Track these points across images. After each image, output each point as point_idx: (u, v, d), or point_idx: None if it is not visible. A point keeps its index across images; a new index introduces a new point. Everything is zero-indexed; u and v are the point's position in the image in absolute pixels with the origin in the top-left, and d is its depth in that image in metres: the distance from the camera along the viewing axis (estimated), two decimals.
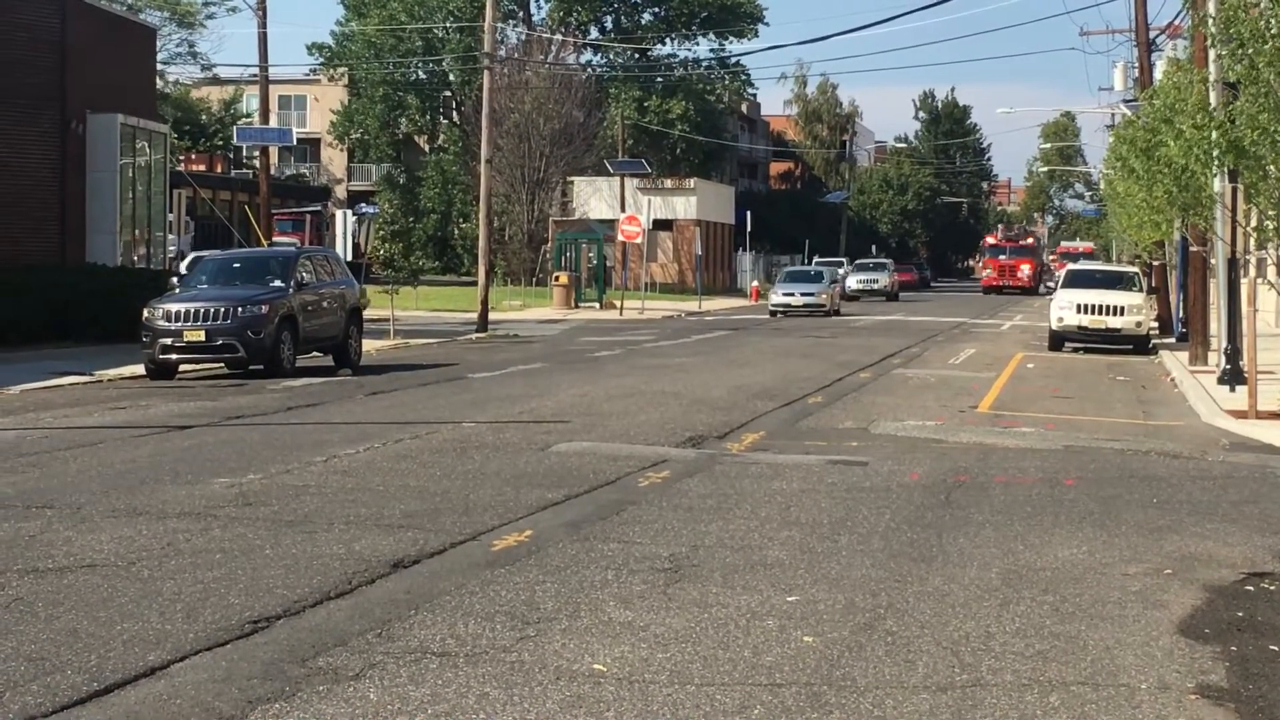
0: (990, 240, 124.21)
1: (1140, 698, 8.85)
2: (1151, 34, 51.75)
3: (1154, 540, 13.81)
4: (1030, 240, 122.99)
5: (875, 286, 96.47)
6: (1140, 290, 45.32)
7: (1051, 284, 73.90)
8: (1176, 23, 48.30)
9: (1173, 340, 46.27)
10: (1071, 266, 51.91)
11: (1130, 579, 12.12)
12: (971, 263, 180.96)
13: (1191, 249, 39.54)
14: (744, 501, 15.50)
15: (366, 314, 36.80)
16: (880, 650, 9.73)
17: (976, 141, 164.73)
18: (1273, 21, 22.40)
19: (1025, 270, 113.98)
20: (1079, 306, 42.92)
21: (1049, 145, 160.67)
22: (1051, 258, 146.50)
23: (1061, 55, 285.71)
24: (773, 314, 67.97)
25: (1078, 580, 12.01)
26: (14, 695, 8.46)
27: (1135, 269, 52.23)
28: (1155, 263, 55.83)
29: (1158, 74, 44.97)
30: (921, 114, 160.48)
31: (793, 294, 68.87)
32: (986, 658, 9.61)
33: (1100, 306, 42.78)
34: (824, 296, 68.93)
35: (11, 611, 10.41)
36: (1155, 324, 48.47)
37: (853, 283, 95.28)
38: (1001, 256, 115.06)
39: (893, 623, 10.46)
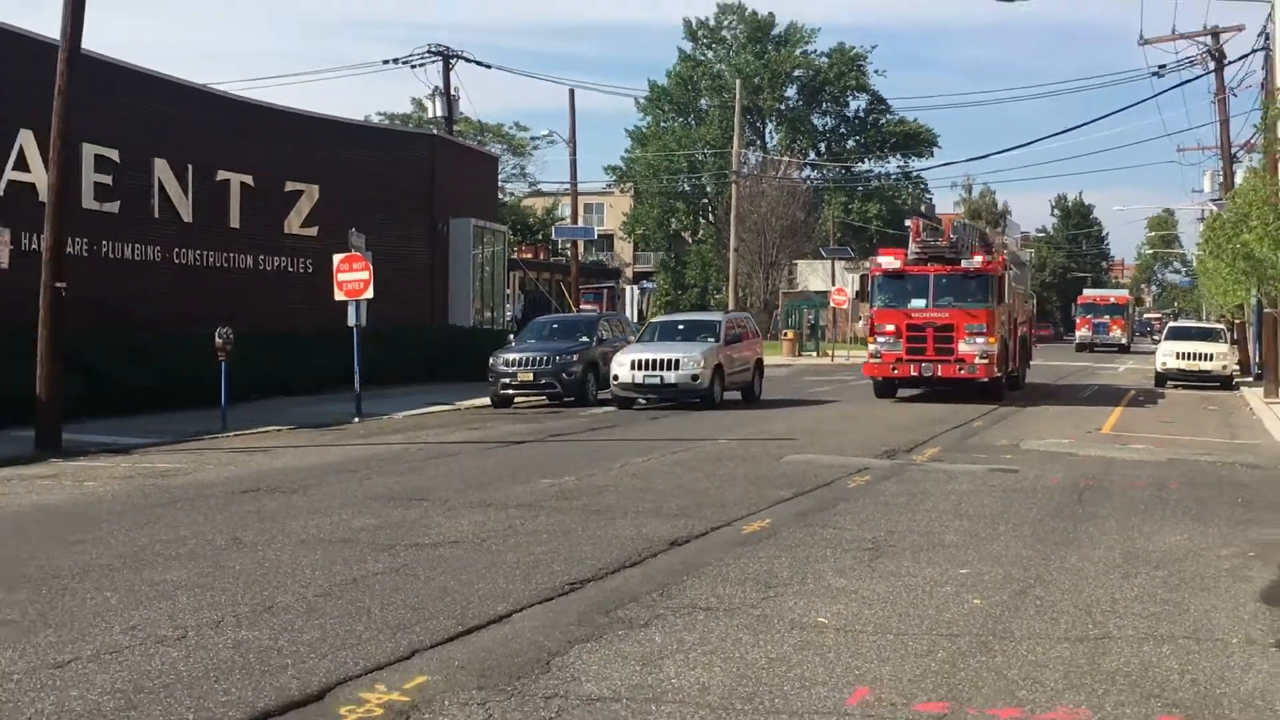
0: (883, 262, 31.54)
1: (1232, 649, 8.55)
2: (1233, 150, 50.59)
3: (1240, 530, 13.35)
4: (983, 260, 30.90)
5: (671, 378, 28.63)
6: (1225, 341, 44.69)
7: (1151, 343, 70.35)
8: (1252, 141, 46.76)
9: (1250, 379, 44.98)
10: (1172, 324, 50.67)
11: (1222, 559, 11.73)
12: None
13: (1265, 310, 38.49)
14: (926, 499, 15.28)
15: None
16: (1031, 610, 9.52)
17: (1098, 231, 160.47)
18: None
19: (977, 339, 30.39)
20: (1178, 354, 42.48)
21: (1153, 233, 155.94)
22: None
23: (1163, 165, 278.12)
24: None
25: (1181, 560, 11.65)
26: (403, 634, 8.64)
27: (1222, 326, 51.37)
28: (1236, 321, 54.37)
29: (1238, 179, 43.78)
30: (1056, 211, 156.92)
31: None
32: (1112, 617, 9.35)
33: (1195, 354, 42.29)
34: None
35: (401, 574, 10.64)
36: (1237, 367, 47.11)
37: (624, 369, 29.19)
38: (918, 304, 30.90)
39: (1040, 590, 10.23)
